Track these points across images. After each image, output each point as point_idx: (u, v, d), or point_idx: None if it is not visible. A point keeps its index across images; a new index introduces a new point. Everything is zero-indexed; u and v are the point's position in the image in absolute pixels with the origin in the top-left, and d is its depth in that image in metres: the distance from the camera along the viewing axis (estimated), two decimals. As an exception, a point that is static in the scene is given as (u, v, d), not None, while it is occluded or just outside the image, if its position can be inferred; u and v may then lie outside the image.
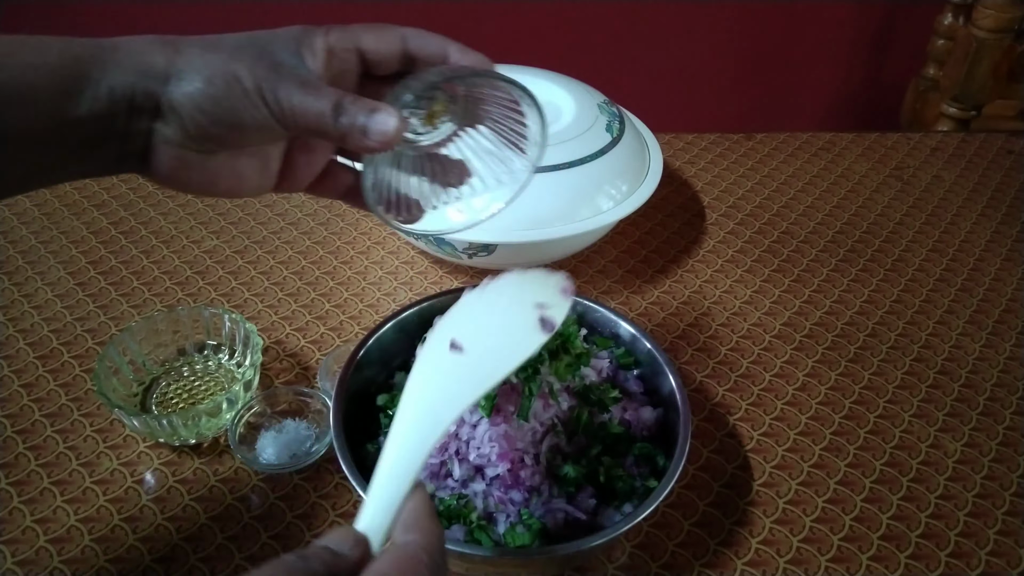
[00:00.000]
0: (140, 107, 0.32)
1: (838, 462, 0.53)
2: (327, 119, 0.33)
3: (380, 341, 0.50)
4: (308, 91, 0.33)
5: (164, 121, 0.32)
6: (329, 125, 0.33)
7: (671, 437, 0.47)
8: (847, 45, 1.59)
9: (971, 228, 0.76)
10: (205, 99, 0.32)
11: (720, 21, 1.52)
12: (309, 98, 0.32)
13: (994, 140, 0.91)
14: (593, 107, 0.67)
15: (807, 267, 0.70)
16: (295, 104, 0.32)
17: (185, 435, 0.51)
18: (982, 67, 1.24)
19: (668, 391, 0.48)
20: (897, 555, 0.48)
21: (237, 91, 0.32)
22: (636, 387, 0.50)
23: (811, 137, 0.90)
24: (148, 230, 0.71)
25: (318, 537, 0.29)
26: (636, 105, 0.77)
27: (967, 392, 0.59)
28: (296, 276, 0.67)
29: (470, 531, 0.42)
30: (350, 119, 0.33)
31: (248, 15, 1.46)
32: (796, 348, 0.62)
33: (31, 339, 0.60)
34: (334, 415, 0.44)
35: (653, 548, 0.47)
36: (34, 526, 0.47)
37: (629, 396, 0.49)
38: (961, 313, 0.66)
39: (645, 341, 0.51)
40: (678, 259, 0.71)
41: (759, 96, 1.65)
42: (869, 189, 0.81)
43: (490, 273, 0.67)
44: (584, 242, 0.66)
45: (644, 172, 0.67)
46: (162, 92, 0.32)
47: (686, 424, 0.45)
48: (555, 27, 1.50)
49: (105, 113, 0.31)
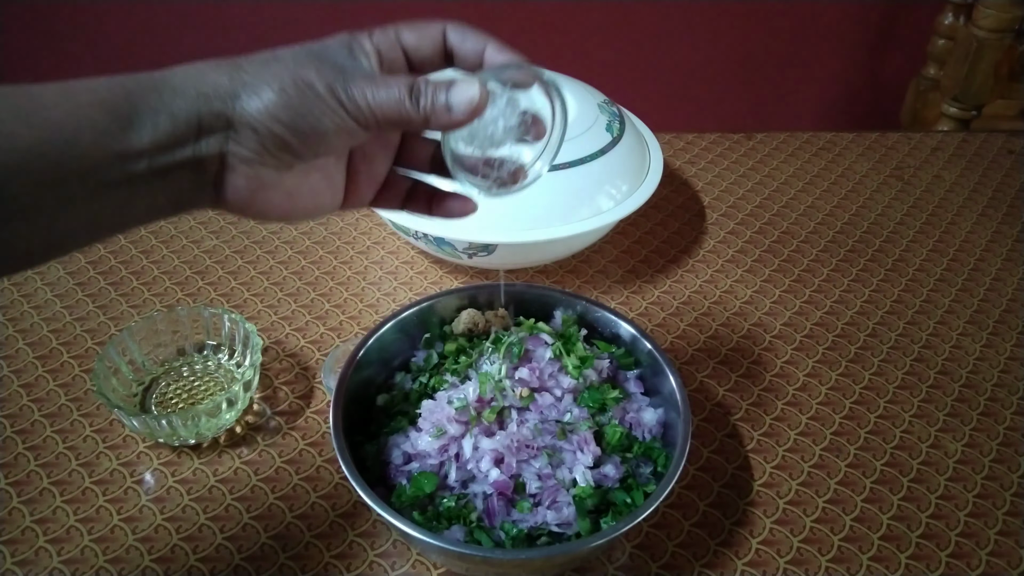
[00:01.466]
0: (210, 128, 0.31)
1: (838, 462, 0.53)
2: (406, 105, 0.32)
3: (380, 341, 0.50)
4: (379, 83, 0.32)
5: (238, 139, 0.32)
6: (410, 110, 0.32)
7: (670, 437, 0.47)
8: (847, 45, 1.58)
9: (971, 228, 0.76)
10: (281, 108, 0.31)
11: (720, 21, 1.52)
12: (382, 90, 0.32)
13: (994, 140, 0.91)
14: (593, 107, 0.67)
15: (807, 267, 0.70)
16: (370, 98, 0.32)
17: (185, 435, 0.51)
18: (982, 67, 1.24)
19: (668, 391, 0.48)
20: (897, 555, 0.47)
21: (311, 96, 0.32)
22: (636, 387, 0.50)
23: (811, 137, 0.90)
24: (148, 230, 0.71)
25: (318, 538, 0.29)
26: (636, 105, 0.77)
27: (967, 392, 0.59)
28: (296, 276, 0.67)
29: (470, 531, 0.42)
30: (429, 99, 0.32)
31: (248, 15, 1.46)
32: (796, 348, 0.62)
33: (31, 339, 0.60)
34: (334, 415, 0.44)
35: (653, 548, 0.47)
36: (34, 526, 0.47)
37: (629, 397, 0.49)
38: (961, 313, 0.66)
39: (645, 341, 0.50)
40: (678, 259, 0.71)
41: (759, 96, 1.65)
42: (869, 189, 0.81)
43: (490, 273, 0.67)
44: (584, 242, 0.66)
45: (644, 172, 0.67)
46: (233, 109, 0.31)
47: (686, 424, 0.45)
48: (555, 27, 1.50)
49: (169, 141, 0.31)
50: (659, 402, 0.49)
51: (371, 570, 0.46)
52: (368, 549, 0.47)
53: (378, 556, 0.46)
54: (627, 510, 0.43)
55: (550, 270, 0.69)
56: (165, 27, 1.48)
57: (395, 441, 0.46)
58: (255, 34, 1.49)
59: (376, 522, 0.48)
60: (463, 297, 0.54)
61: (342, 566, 0.46)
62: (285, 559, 0.46)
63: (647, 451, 0.46)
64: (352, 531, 0.48)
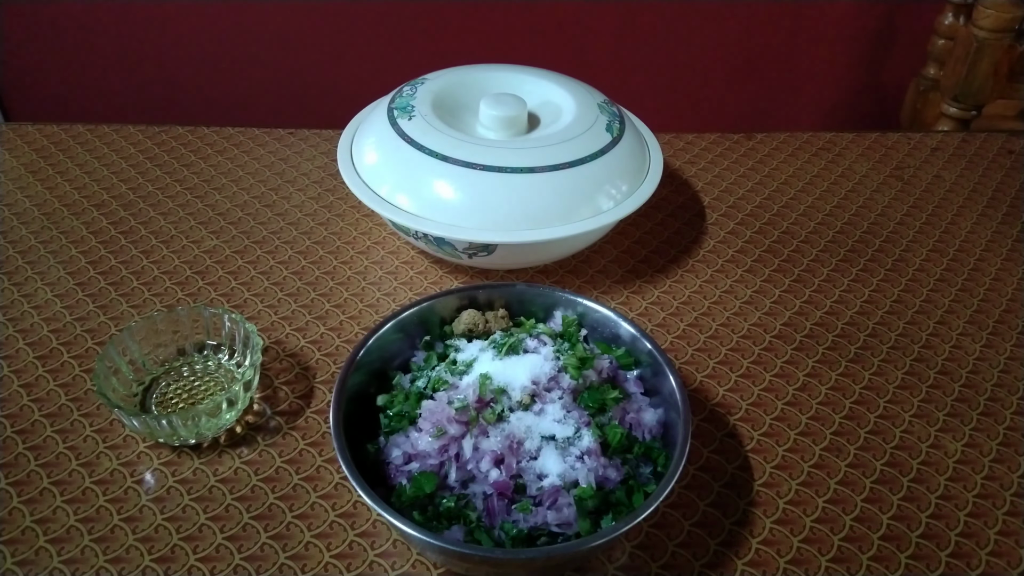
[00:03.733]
0: None
1: (838, 462, 0.53)
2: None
3: (380, 341, 0.50)
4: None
5: None
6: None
7: (670, 437, 0.47)
8: (847, 45, 1.58)
9: (971, 228, 0.76)
10: None
11: (720, 21, 1.52)
12: None
13: (994, 140, 0.91)
14: (593, 107, 0.67)
15: (807, 267, 0.70)
16: None
17: (185, 435, 0.51)
18: (982, 67, 1.24)
19: (668, 391, 0.48)
20: (897, 555, 0.48)
21: None
22: (636, 387, 0.50)
23: (811, 137, 0.90)
24: (148, 230, 0.71)
25: (318, 538, 0.29)
26: (636, 105, 0.77)
27: (967, 392, 0.59)
28: (296, 276, 0.67)
29: (470, 531, 0.42)
30: None
31: (249, 15, 1.46)
32: (796, 348, 0.62)
33: (31, 339, 0.60)
34: (334, 415, 0.44)
35: (653, 548, 0.47)
36: (34, 526, 0.47)
37: (629, 397, 0.49)
38: (961, 313, 0.66)
39: (646, 341, 0.50)
40: (678, 259, 0.71)
41: (759, 96, 1.65)
42: (869, 189, 0.81)
43: (490, 273, 0.67)
44: (584, 242, 0.66)
45: (644, 172, 0.67)
46: None
47: (687, 424, 0.45)
48: (555, 27, 1.50)
49: None
50: (659, 402, 0.49)
51: (371, 570, 0.46)
52: (368, 549, 0.47)
53: (378, 556, 0.46)
54: (627, 510, 0.43)
55: (550, 270, 0.69)
56: (166, 27, 1.48)
57: (395, 441, 0.46)
58: (256, 34, 1.49)
59: (376, 522, 0.48)
60: (463, 297, 0.54)
61: (342, 566, 0.46)
62: (285, 559, 0.46)
63: (647, 451, 0.46)
64: (352, 531, 0.48)
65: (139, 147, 0.82)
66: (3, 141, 0.82)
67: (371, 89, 0.79)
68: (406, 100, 0.67)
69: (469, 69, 0.73)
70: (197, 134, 0.85)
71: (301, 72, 1.54)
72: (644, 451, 0.46)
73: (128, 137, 0.84)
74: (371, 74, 1.52)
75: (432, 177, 0.61)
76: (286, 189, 0.77)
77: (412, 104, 0.66)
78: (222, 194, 0.76)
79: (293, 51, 1.52)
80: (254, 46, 1.51)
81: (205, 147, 0.83)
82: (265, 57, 1.52)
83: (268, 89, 1.56)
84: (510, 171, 0.60)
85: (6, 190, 0.75)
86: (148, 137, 0.84)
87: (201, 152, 0.82)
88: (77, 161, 0.80)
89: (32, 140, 0.82)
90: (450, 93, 0.69)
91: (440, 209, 0.60)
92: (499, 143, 0.62)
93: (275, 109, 1.58)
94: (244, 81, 1.56)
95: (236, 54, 1.52)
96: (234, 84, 1.56)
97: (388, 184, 0.62)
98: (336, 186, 0.78)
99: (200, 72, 1.54)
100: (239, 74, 1.55)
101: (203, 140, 0.84)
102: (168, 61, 1.52)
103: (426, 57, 1.48)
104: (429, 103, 0.66)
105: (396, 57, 1.51)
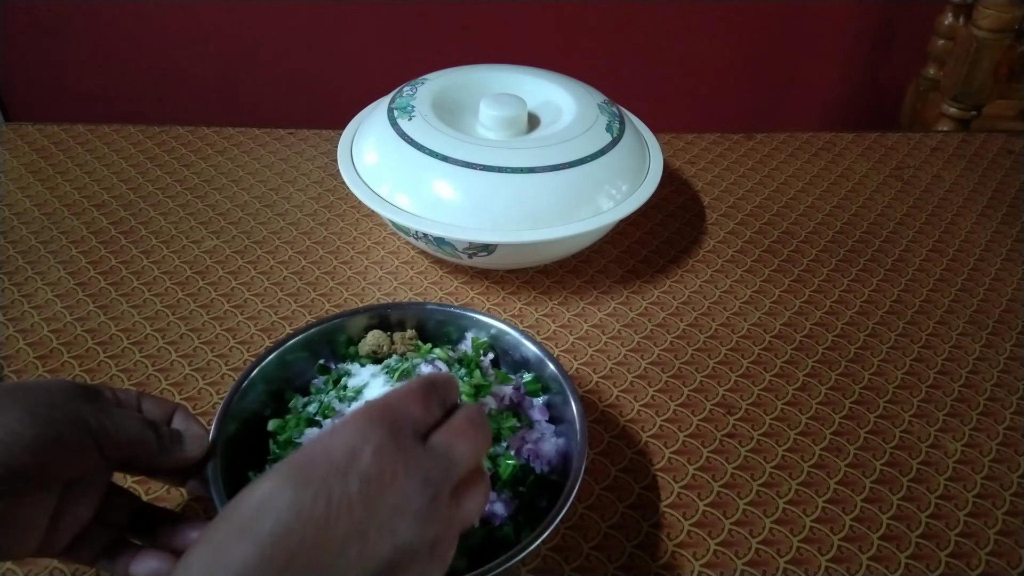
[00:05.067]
0: None
1: (838, 462, 0.53)
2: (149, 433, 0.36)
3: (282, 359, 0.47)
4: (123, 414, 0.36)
5: None
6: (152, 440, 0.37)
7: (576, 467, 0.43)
8: (847, 45, 1.59)
9: (971, 228, 0.76)
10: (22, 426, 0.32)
11: (720, 21, 1.52)
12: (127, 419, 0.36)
13: (994, 140, 0.91)
14: (593, 107, 0.67)
15: (807, 267, 0.70)
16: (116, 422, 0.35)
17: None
18: (982, 67, 1.24)
19: (570, 419, 0.45)
20: (897, 555, 0.48)
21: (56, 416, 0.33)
22: (541, 415, 0.47)
23: (811, 137, 0.90)
24: (148, 230, 0.71)
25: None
26: (636, 105, 0.77)
27: (967, 392, 0.59)
28: (296, 276, 0.67)
29: None
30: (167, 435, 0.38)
31: (249, 15, 1.46)
32: (796, 348, 0.62)
33: (31, 339, 0.60)
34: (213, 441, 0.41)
35: (653, 548, 0.47)
36: (34, 526, 0.47)
37: (532, 425, 0.47)
38: (961, 313, 0.66)
39: (551, 366, 0.48)
40: (678, 259, 0.71)
41: (759, 96, 1.65)
42: (869, 189, 0.81)
43: (490, 274, 0.67)
44: (584, 242, 0.66)
45: (644, 172, 0.67)
46: None
47: (580, 457, 0.42)
48: (555, 27, 1.50)
49: None
50: (564, 430, 0.46)
51: None
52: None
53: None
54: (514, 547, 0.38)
55: (550, 270, 0.69)
56: (166, 27, 1.48)
57: None
58: (256, 34, 1.49)
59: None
60: (373, 317, 0.51)
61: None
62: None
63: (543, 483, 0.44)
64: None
65: (139, 147, 0.82)
66: (3, 141, 0.82)
67: (371, 89, 0.79)
68: (406, 100, 0.67)
69: (469, 69, 0.73)
70: (197, 134, 0.85)
71: (301, 72, 1.54)
72: (540, 483, 0.44)
73: (128, 137, 0.84)
74: (371, 74, 1.52)
75: (432, 177, 0.61)
76: (286, 189, 0.77)
77: (412, 104, 0.66)
78: (222, 194, 0.76)
79: (293, 51, 1.52)
80: (254, 46, 1.51)
81: (205, 147, 0.83)
82: (265, 57, 1.52)
83: (268, 89, 1.56)
84: (510, 171, 0.60)
85: (6, 190, 0.75)
86: (148, 137, 0.84)
87: (201, 152, 0.82)
88: (77, 161, 0.80)
89: (32, 140, 0.82)
90: (450, 93, 0.69)
91: (440, 209, 0.60)
92: (499, 143, 0.62)
93: (275, 109, 1.58)
94: (244, 81, 1.56)
95: (236, 54, 1.52)
96: (234, 84, 1.56)
97: (388, 184, 0.62)
98: (336, 186, 0.78)
99: (200, 72, 1.54)
100: (239, 74, 1.55)
101: (203, 140, 0.84)
102: (168, 61, 1.52)
103: (426, 57, 1.47)
104: (429, 103, 0.66)
105: (396, 57, 1.51)
